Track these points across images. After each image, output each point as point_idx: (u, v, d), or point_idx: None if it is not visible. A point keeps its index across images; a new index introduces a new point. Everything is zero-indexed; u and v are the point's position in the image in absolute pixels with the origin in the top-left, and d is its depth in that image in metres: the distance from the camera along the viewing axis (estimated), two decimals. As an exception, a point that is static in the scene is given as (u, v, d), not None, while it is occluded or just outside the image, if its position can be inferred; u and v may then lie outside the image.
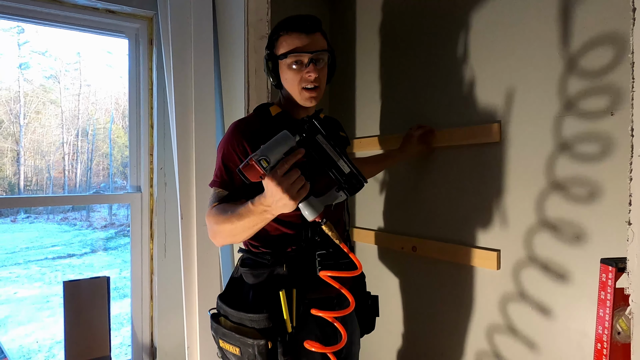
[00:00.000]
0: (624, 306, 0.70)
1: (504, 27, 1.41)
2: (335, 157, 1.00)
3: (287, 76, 1.17)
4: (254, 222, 1.03)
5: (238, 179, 1.10)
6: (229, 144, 1.15)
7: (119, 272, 6.22)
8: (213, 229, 1.12)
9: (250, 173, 0.92)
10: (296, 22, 1.14)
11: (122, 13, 1.86)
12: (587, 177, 1.20)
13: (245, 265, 1.19)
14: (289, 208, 0.95)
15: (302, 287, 1.13)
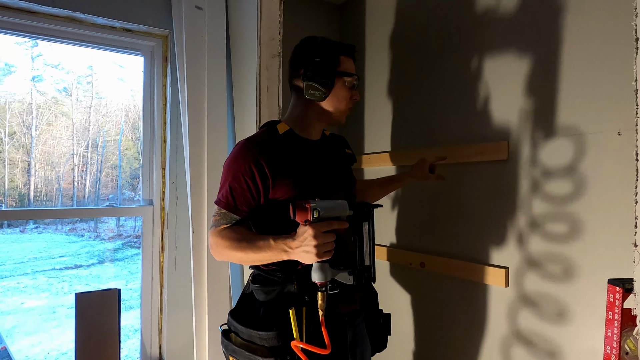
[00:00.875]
0: (632, 326, 0.71)
1: (515, 46, 1.44)
2: (367, 247, 1.09)
3: (342, 93, 1.23)
4: (268, 257, 1.09)
5: (243, 202, 1.13)
6: (235, 165, 1.14)
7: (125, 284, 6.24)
8: (221, 252, 1.15)
9: (301, 213, 0.99)
10: (351, 49, 1.26)
11: (139, 32, 1.92)
12: (594, 194, 1.21)
13: (256, 281, 1.19)
14: (308, 260, 1.02)
15: (312, 305, 1.10)
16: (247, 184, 1.13)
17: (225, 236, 1.13)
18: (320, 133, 1.31)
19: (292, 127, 1.24)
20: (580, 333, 1.23)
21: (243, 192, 1.13)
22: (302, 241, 1.01)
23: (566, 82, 1.28)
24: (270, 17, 1.71)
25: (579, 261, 1.24)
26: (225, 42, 1.84)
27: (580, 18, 1.25)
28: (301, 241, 1.01)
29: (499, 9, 1.48)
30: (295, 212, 0.99)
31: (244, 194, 1.14)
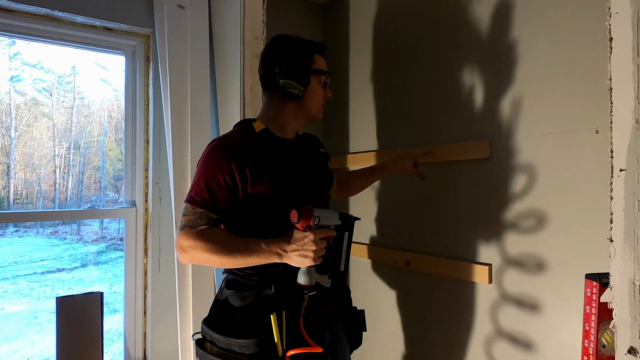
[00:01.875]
0: (609, 320, 0.73)
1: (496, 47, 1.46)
2: (344, 255, 1.16)
3: (317, 91, 1.24)
4: (257, 261, 1.06)
5: (221, 200, 1.09)
6: (212, 162, 1.11)
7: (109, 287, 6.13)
8: (198, 255, 1.07)
9: (305, 219, 1.00)
10: (324, 47, 1.28)
11: (120, 31, 1.89)
12: (574, 191, 1.24)
13: (231, 287, 1.15)
14: (303, 264, 1.04)
15: (291, 308, 1.10)
16: (225, 182, 1.09)
17: (206, 238, 1.06)
18: (294, 132, 1.29)
19: (268, 126, 1.22)
20: (560, 327, 1.26)
21: (222, 190, 1.09)
22: (301, 245, 1.02)
23: (545, 82, 1.30)
24: (254, 17, 1.71)
25: (558, 257, 1.27)
26: (208, 41, 1.82)
27: (558, 19, 1.27)
28: (300, 245, 1.02)
29: (482, 10, 1.49)
30: (301, 217, 1.00)
31: (222, 192, 1.09)
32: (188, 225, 1.09)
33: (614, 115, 0.70)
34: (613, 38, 0.70)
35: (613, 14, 0.70)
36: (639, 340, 0.67)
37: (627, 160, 0.68)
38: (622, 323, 0.69)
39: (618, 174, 0.69)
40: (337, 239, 1.15)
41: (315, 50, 1.25)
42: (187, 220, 1.10)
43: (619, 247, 0.69)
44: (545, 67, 1.30)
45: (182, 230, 1.09)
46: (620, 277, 0.69)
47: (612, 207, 0.71)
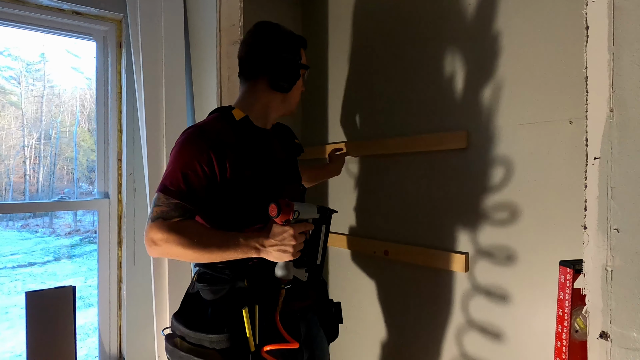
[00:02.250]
0: (581, 305, 0.74)
1: (474, 38, 1.47)
2: (321, 248, 1.16)
3: (299, 85, 1.28)
4: (234, 255, 1.03)
5: (198, 190, 1.03)
6: (188, 150, 1.05)
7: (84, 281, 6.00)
8: (170, 248, 1.01)
9: (284, 213, 0.99)
10: (306, 42, 1.30)
11: (90, 15, 1.81)
12: (548, 181, 1.26)
13: (203, 280, 1.11)
14: (282, 259, 1.03)
15: (265, 301, 1.08)
16: (203, 172, 1.03)
17: (181, 231, 1.00)
18: (270, 123, 1.27)
19: (249, 115, 1.19)
20: (534, 313, 1.28)
21: (199, 180, 1.04)
22: (280, 240, 1.01)
23: (522, 73, 1.32)
24: (231, 3, 1.66)
25: (533, 245, 1.29)
26: (183, 27, 1.77)
27: (536, 11, 1.28)
28: (279, 240, 1.01)
29: (460, 3, 1.49)
30: (280, 211, 0.98)
31: (199, 182, 1.04)
32: (161, 217, 1.02)
33: (589, 104, 0.71)
34: (589, 27, 0.70)
35: (589, 2, 0.70)
36: (610, 325, 0.68)
37: (601, 149, 0.69)
38: (594, 308, 0.70)
39: (592, 162, 0.70)
40: (314, 232, 1.15)
41: (302, 45, 1.27)
42: (159, 211, 1.03)
43: (592, 234, 0.70)
44: (522, 59, 1.31)
45: (154, 222, 1.02)
46: (594, 263, 0.70)
47: (586, 194, 0.71)
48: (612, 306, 0.68)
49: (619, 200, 0.67)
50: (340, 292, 2.01)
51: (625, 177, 0.66)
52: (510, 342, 1.36)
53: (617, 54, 0.68)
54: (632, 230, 0.66)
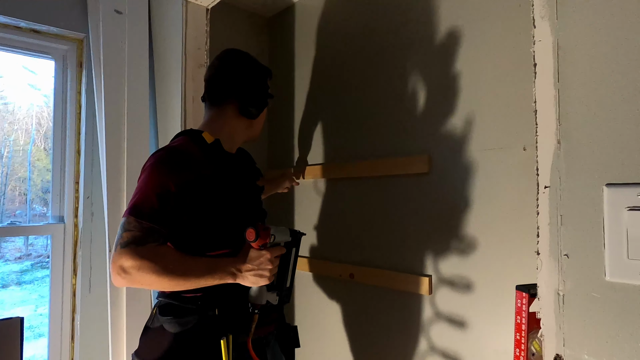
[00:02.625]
0: (537, 329, 0.77)
1: (436, 66, 1.53)
2: (291, 271, 1.17)
3: (265, 113, 1.33)
4: (211, 281, 1.00)
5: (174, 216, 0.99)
6: (162, 172, 1.01)
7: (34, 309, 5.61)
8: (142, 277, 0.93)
9: (262, 237, 0.99)
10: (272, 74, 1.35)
11: (49, 34, 1.76)
12: (504, 205, 1.31)
13: (166, 312, 1.05)
14: (258, 283, 1.02)
15: (235, 330, 1.05)
16: (177, 194, 0.99)
17: (156, 257, 0.94)
18: (235, 148, 1.28)
19: (218, 138, 1.18)
20: (495, 335, 1.31)
21: (173, 203, 0.99)
22: (258, 265, 1.00)
23: (481, 101, 1.38)
24: (196, 27, 1.66)
25: (492, 269, 1.33)
26: (147, 49, 1.75)
27: (494, 43, 1.36)
28: (257, 265, 1.00)
29: (424, 29, 1.56)
30: (258, 236, 0.98)
31: (174, 205, 0.99)
32: (133, 242, 0.94)
33: (538, 135, 0.75)
34: (537, 64, 0.75)
35: (537, 42, 0.75)
36: (563, 348, 0.70)
37: (550, 178, 0.73)
38: (548, 332, 0.72)
39: (543, 191, 0.74)
40: (285, 255, 1.14)
41: (269, 75, 1.33)
42: (131, 236, 0.95)
43: (544, 259, 0.73)
44: (481, 88, 1.38)
45: (125, 249, 0.94)
46: (547, 288, 0.72)
47: (538, 221, 0.75)
48: (565, 329, 0.71)
49: (568, 227, 0.70)
50: (306, 315, 1.98)
51: (572, 205, 0.70)
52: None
53: (562, 90, 0.72)
54: (580, 256, 0.69)
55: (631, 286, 0.63)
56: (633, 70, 0.65)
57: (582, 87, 0.70)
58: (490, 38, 1.36)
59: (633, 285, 0.63)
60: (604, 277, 0.66)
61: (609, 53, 0.67)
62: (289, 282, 1.16)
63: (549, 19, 0.74)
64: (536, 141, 0.75)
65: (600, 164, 0.68)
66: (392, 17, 1.66)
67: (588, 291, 0.68)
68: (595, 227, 0.67)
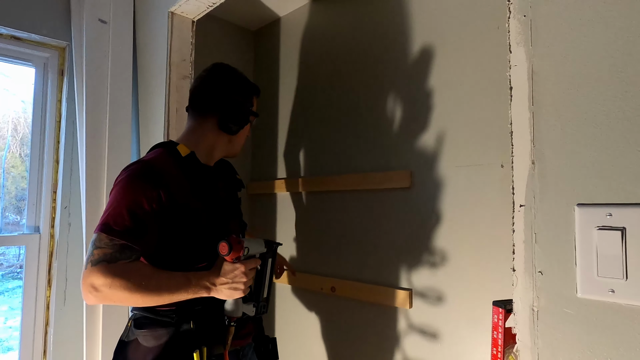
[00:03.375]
0: (513, 344, 0.79)
1: (417, 83, 1.57)
2: (268, 281, 1.16)
3: (246, 130, 1.29)
4: (185, 296, 0.99)
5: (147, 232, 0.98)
6: (135, 187, 1.00)
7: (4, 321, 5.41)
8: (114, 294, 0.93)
9: (235, 250, 0.98)
10: (259, 91, 1.33)
11: (31, 41, 1.74)
12: (482, 221, 1.34)
13: (141, 326, 1.05)
14: (232, 296, 1.01)
15: (210, 343, 1.05)
16: (151, 209, 0.99)
17: (127, 274, 0.93)
18: (213, 160, 1.26)
19: (194, 151, 1.17)
20: (473, 350, 1.33)
21: (146, 218, 0.98)
22: (232, 278, 0.99)
23: (460, 119, 1.42)
24: (181, 38, 1.67)
25: (471, 284, 1.35)
26: (131, 59, 1.74)
27: (472, 65, 1.40)
28: (231, 278, 0.99)
29: (405, 48, 1.60)
30: (231, 249, 0.97)
31: (147, 220, 0.98)
32: (104, 260, 0.93)
33: (514, 155, 0.78)
34: (513, 87, 0.78)
35: (512, 66, 0.78)
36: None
37: (525, 197, 0.76)
38: (523, 347, 0.74)
39: (518, 209, 0.76)
40: (261, 266, 1.14)
41: (255, 93, 1.31)
42: (102, 253, 0.94)
43: (520, 276, 0.75)
44: (461, 106, 1.42)
45: (96, 266, 0.93)
46: (522, 304, 0.75)
47: (514, 239, 0.77)
48: (539, 344, 0.73)
49: (542, 245, 0.73)
50: (286, 327, 1.97)
51: (545, 224, 0.73)
52: (451, 378, 1.39)
53: (536, 113, 0.75)
54: (553, 273, 0.71)
55: (601, 302, 0.66)
56: (604, 94, 0.69)
57: (555, 111, 0.73)
58: (471, 58, 1.40)
59: (603, 301, 0.66)
60: (575, 294, 0.69)
61: (580, 79, 0.71)
62: (265, 293, 1.15)
63: (524, 45, 0.77)
64: (512, 161, 0.78)
65: (572, 185, 0.71)
66: (374, 34, 1.70)
67: (561, 307, 0.70)
68: (567, 246, 0.70)
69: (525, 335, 0.74)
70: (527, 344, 0.74)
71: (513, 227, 0.77)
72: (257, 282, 1.13)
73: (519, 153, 0.77)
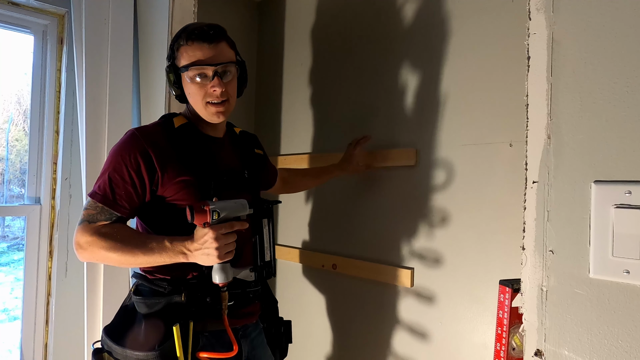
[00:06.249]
0: (518, 324, 0.77)
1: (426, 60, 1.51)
2: (267, 243, 1.10)
3: (190, 90, 1.09)
4: (161, 260, 1.00)
5: (124, 196, 1.02)
6: (119, 155, 1.03)
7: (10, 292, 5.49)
8: (94, 252, 1.00)
9: (199, 216, 0.95)
10: (198, 31, 1.05)
11: (28, 7, 1.69)
12: (489, 200, 1.31)
13: (139, 293, 1.07)
14: (209, 263, 0.98)
15: (202, 318, 1.05)
16: (130, 176, 1.02)
17: (105, 235, 0.99)
18: (220, 130, 1.20)
19: (195, 122, 1.15)
20: (475, 329, 1.32)
21: (125, 185, 1.02)
22: (202, 244, 0.96)
23: (468, 97, 1.37)
24: (184, 8, 1.61)
25: (475, 264, 1.33)
26: (132, 27, 1.69)
27: (483, 39, 1.34)
28: (201, 244, 0.96)
29: (414, 23, 1.54)
30: (194, 215, 0.94)
31: (125, 187, 1.02)
32: (86, 220, 1.02)
33: (529, 130, 0.74)
34: (530, 57, 0.74)
35: (531, 34, 0.74)
36: (544, 343, 0.70)
37: (539, 173, 0.72)
38: (530, 327, 0.72)
39: (531, 186, 0.73)
40: (255, 228, 1.09)
41: (182, 40, 1.07)
42: (86, 214, 1.03)
43: (529, 255, 0.72)
44: (468, 83, 1.37)
45: (80, 225, 1.02)
46: (530, 283, 0.72)
47: (524, 217, 0.74)
48: (547, 325, 0.71)
49: (554, 223, 0.70)
50: (288, 305, 1.97)
51: (559, 201, 0.70)
52: (452, 356, 1.39)
53: (554, 84, 0.71)
54: (565, 252, 0.69)
55: (614, 283, 0.63)
56: (626, 67, 0.64)
57: (574, 82, 0.69)
58: (478, 34, 1.35)
59: (616, 282, 0.63)
60: (587, 274, 0.66)
61: (603, 49, 0.67)
62: (268, 256, 1.10)
63: (545, 11, 0.73)
64: (526, 135, 0.74)
65: (590, 161, 0.67)
66: (383, 8, 1.63)
67: (572, 287, 0.68)
68: (582, 224, 0.67)
69: (533, 315, 0.72)
70: (534, 324, 0.72)
71: (524, 204, 0.74)
72: (255, 244, 1.09)
73: (534, 127, 0.73)
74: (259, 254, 1.09)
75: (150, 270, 1.10)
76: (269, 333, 1.28)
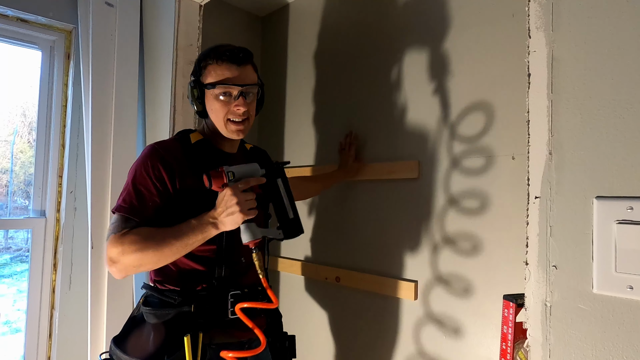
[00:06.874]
0: (523, 339, 0.77)
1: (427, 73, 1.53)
2: (286, 201, 1.12)
3: (214, 107, 1.13)
4: (195, 239, 1.01)
5: (150, 206, 1.04)
6: (142, 167, 1.07)
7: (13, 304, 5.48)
8: (128, 259, 0.99)
9: (216, 180, 1.00)
10: (228, 52, 1.12)
11: (37, 24, 1.72)
12: (492, 213, 1.31)
13: (148, 304, 1.09)
14: (236, 221, 0.99)
15: (210, 330, 1.06)
16: (155, 187, 1.05)
17: (131, 239, 0.99)
18: (234, 146, 1.24)
19: (210, 138, 1.19)
20: (479, 344, 1.31)
21: (151, 195, 1.05)
22: (224, 205, 0.98)
23: (470, 110, 1.38)
24: (189, 22, 1.64)
25: (478, 277, 1.33)
26: (138, 43, 1.72)
27: (483, 55, 1.36)
28: (224, 205, 0.98)
29: (415, 38, 1.56)
30: (211, 180, 0.99)
31: (152, 198, 1.05)
32: (112, 232, 1.03)
33: (530, 145, 0.75)
34: (531, 74, 0.75)
35: (531, 52, 0.75)
36: (549, 359, 0.70)
37: (541, 189, 0.73)
38: (534, 342, 0.72)
39: (533, 201, 0.74)
40: (271, 189, 1.12)
41: (212, 59, 1.12)
42: (111, 228, 1.04)
43: (533, 270, 0.73)
44: (470, 97, 1.38)
45: (108, 240, 1.02)
46: (534, 298, 0.72)
47: (527, 232, 0.75)
48: (551, 340, 0.70)
49: (557, 238, 0.70)
50: (292, 317, 1.96)
51: (562, 217, 0.70)
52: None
53: (555, 101, 0.72)
54: (568, 268, 0.69)
55: (618, 299, 0.64)
56: (626, 83, 0.65)
57: (575, 99, 0.70)
58: (481, 46, 1.36)
59: (620, 298, 0.63)
60: (591, 290, 0.66)
61: (603, 66, 0.68)
62: (291, 214, 1.12)
63: (545, 30, 0.74)
64: (528, 151, 0.75)
65: (591, 177, 0.68)
66: (384, 22, 1.66)
67: (575, 303, 0.68)
68: (584, 239, 0.67)
69: (537, 331, 0.72)
70: (538, 339, 0.72)
71: (527, 219, 0.75)
72: (276, 204, 1.12)
73: (535, 143, 0.74)
74: (281, 212, 1.11)
75: (161, 281, 1.11)
76: (274, 347, 1.28)
